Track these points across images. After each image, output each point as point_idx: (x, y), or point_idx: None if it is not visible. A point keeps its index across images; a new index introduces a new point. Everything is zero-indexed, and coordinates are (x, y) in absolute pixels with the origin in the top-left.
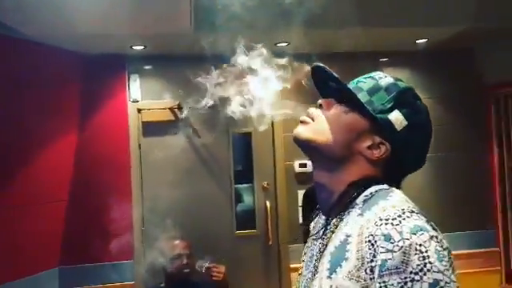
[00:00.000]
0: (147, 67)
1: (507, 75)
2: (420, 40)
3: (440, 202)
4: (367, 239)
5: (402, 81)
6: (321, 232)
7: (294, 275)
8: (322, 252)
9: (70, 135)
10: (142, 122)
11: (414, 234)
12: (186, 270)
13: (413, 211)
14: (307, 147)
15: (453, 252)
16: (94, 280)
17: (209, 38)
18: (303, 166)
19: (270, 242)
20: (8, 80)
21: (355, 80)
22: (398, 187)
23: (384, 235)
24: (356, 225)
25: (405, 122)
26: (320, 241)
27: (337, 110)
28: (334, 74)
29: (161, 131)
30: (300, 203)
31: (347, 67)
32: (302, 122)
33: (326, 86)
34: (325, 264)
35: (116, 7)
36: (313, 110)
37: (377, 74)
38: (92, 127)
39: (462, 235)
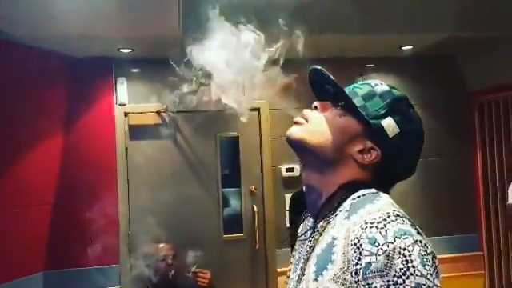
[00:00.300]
0: (134, 70)
1: (491, 82)
2: (405, 46)
3: (424, 207)
4: (353, 242)
5: (396, 89)
6: (308, 234)
7: (281, 279)
8: (309, 254)
9: (56, 138)
10: (129, 126)
11: (399, 237)
12: (171, 272)
13: (398, 215)
14: (299, 147)
15: (437, 256)
16: (80, 285)
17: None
18: (290, 170)
19: (257, 246)
20: None
21: (351, 86)
22: (386, 193)
23: (369, 238)
24: (342, 228)
25: (397, 129)
26: (307, 243)
27: (331, 112)
28: (331, 76)
29: (148, 135)
30: (287, 207)
31: (333, 72)
32: (295, 122)
33: (322, 90)
34: (311, 267)
35: (104, 10)
36: (308, 112)
37: (373, 81)
38: (79, 130)
39: (446, 239)
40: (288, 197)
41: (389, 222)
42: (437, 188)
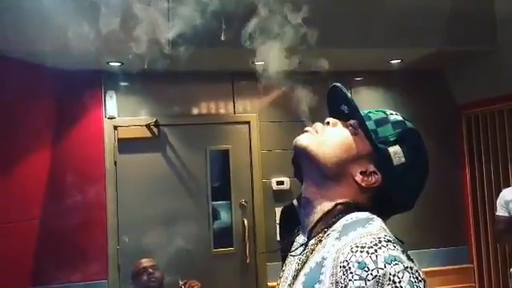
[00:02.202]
0: (124, 84)
1: (478, 95)
2: (394, 60)
3: (414, 219)
4: (342, 264)
5: (410, 122)
6: (298, 251)
7: None
8: (297, 272)
9: (45, 151)
10: (118, 139)
11: (389, 263)
12: (153, 283)
13: (389, 241)
14: (304, 155)
15: (427, 269)
16: None
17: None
18: (280, 183)
19: (248, 260)
20: None
21: (366, 110)
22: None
23: (358, 262)
24: (333, 248)
25: (403, 159)
26: (297, 260)
27: (343, 129)
28: (349, 95)
29: (137, 148)
30: (277, 221)
31: (322, 86)
32: (305, 131)
33: (336, 107)
34: (298, 286)
35: (93, 24)
36: (319, 124)
37: (388, 111)
38: (67, 144)
39: (436, 252)
40: (278, 210)
41: (380, 248)
42: (426, 200)
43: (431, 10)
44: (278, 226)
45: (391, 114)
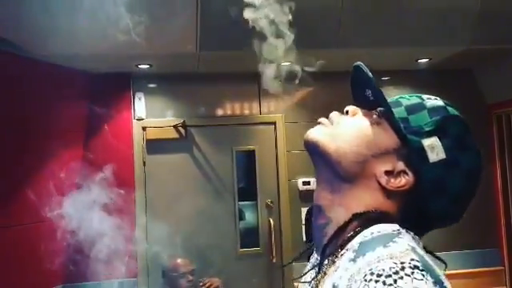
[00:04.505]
0: (152, 85)
1: (508, 94)
2: (422, 59)
3: None
4: None
5: (455, 108)
6: (312, 274)
7: None
8: None
9: (76, 152)
10: (147, 140)
11: None
12: (201, 283)
13: (416, 266)
14: (314, 151)
15: (458, 271)
16: None
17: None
18: (307, 183)
19: (274, 260)
20: (14, 98)
21: (397, 96)
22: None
23: None
24: (346, 273)
25: (442, 155)
26: (312, 283)
27: (364, 119)
28: (370, 74)
29: (165, 149)
30: (303, 221)
31: (348, 86)
32: (319, 123)
33: (361, 94)
34: None
35: (122, 27)
36: (335, 114)
37: (426, 95)
38: (97, 145)
39: (467, 254)
40: (304, 210)
41: (401, 277)
42: None
43: (460, 7)
44: (303, 227)
45: (429, 98)
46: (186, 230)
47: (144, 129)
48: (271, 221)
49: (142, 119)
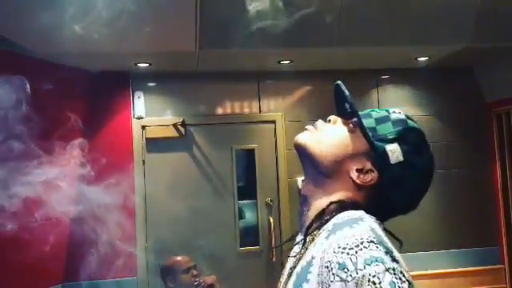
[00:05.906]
0: (151, 84)
1: (508, 92)
2: (421, 58)
3: (443, 220)
4: (326, 264)
5: (415, 122)
6: (297, 249)
7: None
8: (291, 271)
9: (75, 151)
10: (146, 139)
11: (369, 264)
12: (196, 283)
13: (372, 241)
14: (302, 153)
15: (458, 269)
16: None
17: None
18: None
19: (274, 259)
20: (12, 96)
21: (370, 109)
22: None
23: (339, 264)
24: (321, 247)
25: (401, 158)
26: (293, 259)
27: (342, 127)
28: (346, 92)
29: (164, 147)
30: None
31: (349, 84)
32: (306, 129)
33: (342, 106)
34: (290, 284)
35: (121, 25)
36: (320, 122)
37: (392, 109)
38: (97, 143)
39: (466, 252)
40: None
41: (361, 249)
42: (456, 200)
43: (459, 6)
44: None
45: (394, 112)
46: (186, 228)
47: (143, 127)
48: (271, 219)
49: (142, 118)
